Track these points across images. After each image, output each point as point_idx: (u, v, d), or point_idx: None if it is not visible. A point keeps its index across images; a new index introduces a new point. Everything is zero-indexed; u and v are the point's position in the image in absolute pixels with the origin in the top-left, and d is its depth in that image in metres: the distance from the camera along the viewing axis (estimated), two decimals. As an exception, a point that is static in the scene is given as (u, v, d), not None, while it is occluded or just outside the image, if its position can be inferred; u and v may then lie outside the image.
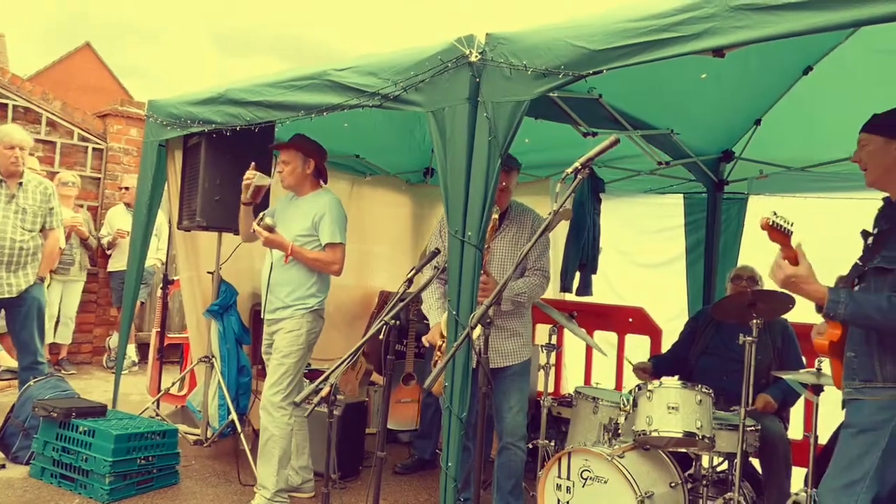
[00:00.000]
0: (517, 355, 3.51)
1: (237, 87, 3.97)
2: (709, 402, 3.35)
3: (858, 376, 2.37)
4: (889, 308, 2.22)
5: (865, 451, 2.29)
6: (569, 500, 3.37)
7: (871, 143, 2.45)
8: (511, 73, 2.85)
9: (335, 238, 3.73)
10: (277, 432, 3.65)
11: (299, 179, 3.85)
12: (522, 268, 3.52)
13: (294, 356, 3.70)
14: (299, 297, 3.73)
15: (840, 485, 2.32)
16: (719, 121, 4.58)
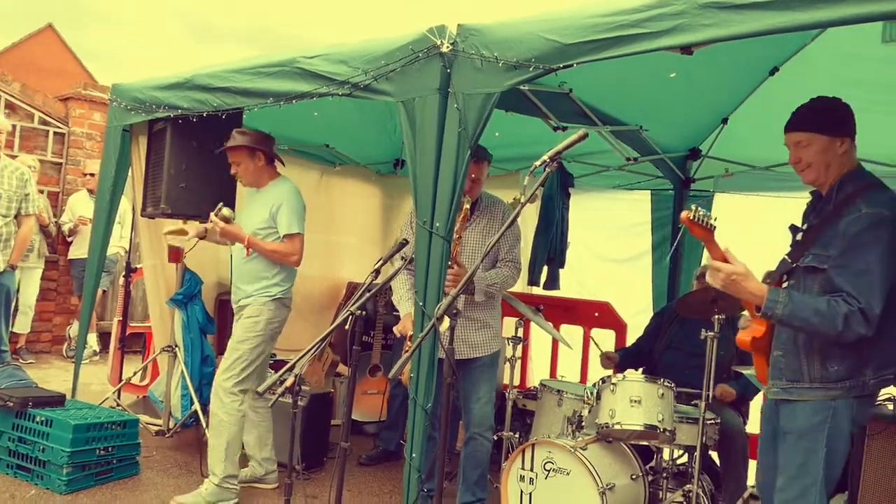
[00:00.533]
0: (486, 347, 3.52)
1: (204, 73, 3.91)
2: (670, 396, 3.40)
3: (785, 376, 2.37)
4: (827, 311, 2.18)
5: (808, 457, 2.30)
6: (532, 492, 3.40)
7: (814, 142, 2.37)
8: (482, 64, 2.84)
9: (292, 228, 3.69)
10: (226, 418, 3.62)
11: (254, 175, 3.81)
12: (494, 259, 3.53)
13: (250, 342, 3.67)
14: (261, 287, 3.71)
15: (793, 495, 2.33)
16: (687, 119, 4.63)
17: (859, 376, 2.27)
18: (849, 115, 2.40)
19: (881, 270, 2.18)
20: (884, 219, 2.21)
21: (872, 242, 2.20)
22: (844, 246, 2.23)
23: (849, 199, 2.30)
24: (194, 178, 4.22)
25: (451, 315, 2.32)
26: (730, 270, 2.25)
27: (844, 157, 2.37)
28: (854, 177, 2.37)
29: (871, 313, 2.17)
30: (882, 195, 2.30)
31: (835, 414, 2.28)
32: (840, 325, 2.17)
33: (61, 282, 7.43)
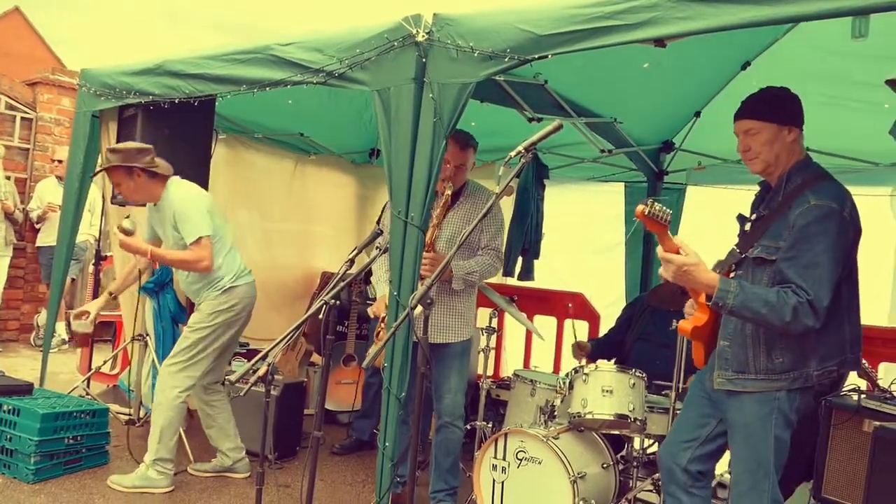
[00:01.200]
0: (458, 333, 3.52)
1: (176, 59, 3.85)
2: (642, 386, 3.44)
3: (731, 367, 2.40)
4: (777, 302, 2.19)
5: (757, 450, 2.36)
6: (504, 481, 3.43)
7: (763, 130, 2.37)
8: (458, 54, 2.84)
9: (193, 235, 3.56)
10: (165, 402, 3.62)
11: (140, 192, 3.69)
12: (475, 248, 3.53)
13: (201, 332, 3.66)
14: (206, 284, 3.68)
15: (746, 488, 2.40)
16: (661, 112, 4.68)
17: (803, 368, 2.31)
18: (798, 105, 2.43)
19: (829, 263, 2.21)
20: (832, 211, 2.23)
21: (821, 234, 2.22)
22: (793, 238, 2.25)
23: (798, 190, 2.33)
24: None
25: (425, 304, 2.32)
26: (681, 262, 2.24)
27: (793, 146, 2.39)
28: (802, 168, 2.39)
29: (820, 305, 2.19)
30: (831, 187, 2.32)
31: (780, 406, 2.33)
32: (789, 317, 2.19)
33: (29, 269, 7.30)
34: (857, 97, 3.68)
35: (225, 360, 3.93)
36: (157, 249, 3.64)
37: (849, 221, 2.27)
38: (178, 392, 3.63)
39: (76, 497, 3.47)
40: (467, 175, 3.59)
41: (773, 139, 2.37)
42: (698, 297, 2.46)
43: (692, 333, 2.50)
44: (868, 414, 3.38)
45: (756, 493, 2.37)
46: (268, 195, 5.65)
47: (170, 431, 3.63)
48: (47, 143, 7.43)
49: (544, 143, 2.42)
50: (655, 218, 2.18)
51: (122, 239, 3.58)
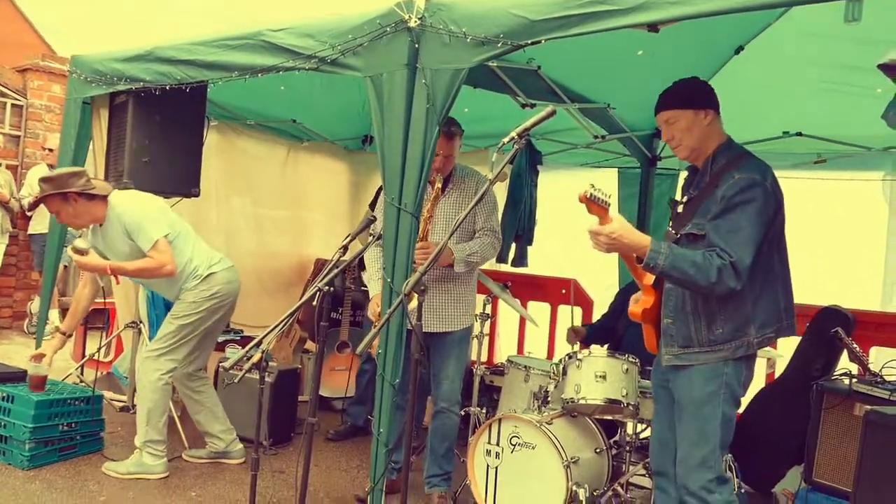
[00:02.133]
0: (460, 321, 3.53)
1: (167, 45, 3.82)
2: (635, 371, 3.46)
3: (677, 343, 2.50)
4: (703, 262, 2.29)
5: (706, 425, 2.43)
6: (498, 466, 3.45)
7: (681, 118, 2.51)
8: (450, 39, 2.82)
9: (149, 241, 3.50)
10: (148, 386, 3.64)
11: (80, 217, 3.61)
12: (471, 232, 3.53)
13: (185, 318, 3.66)
14: (185, 281, 3.67)
15: (695, 463, 2.45)
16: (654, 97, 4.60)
17: (743, 336, 2.41)
18: (709, 90, 2.57)
19: (752, 228, 2.32)
20: (755, 182, 2.36)
21: (744, 203, 2.34)
22: (720, 208, 2.37)
23: (723, 169, 2.45)
24: (157, 153, 4.14)
25: (419, 291, 2.32)
26: (608, 231, 2.31)
27: (712, 128, 2.52)
28: (726, 149, 2.52)
29: (741, 266, 2.30)
30: (753, 162, 2.45)
31: (727, 381, 2.42)
32: (714, 277, 2.28)
33: (21, 257, 7.27)
34: (850, 81, 3.68)
35: (209, 347, 3.92)
36: (115, 263, 3.58)
37: (770, 192, 2.38)
38: (160, 374, 3.64)
39: (71, 483, 3.48)
40: (454, 163, 3.59)
41: (692, 125, 2.51)
42: (642, 279, 2.58)
43: (642, 316, 2.60)
44: (859, 398, 3.42)
45: (704, 468, 2.43)
46: (260, 182, 5.63)
47: (157, 413, 3.64)
48: (38, 129, 7.38)
49: (538, 129, 2.43)
50: (596, 201, 2.28)
51: (77, 259, 3.52)
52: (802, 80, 3.81)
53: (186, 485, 3.59)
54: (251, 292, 3.95)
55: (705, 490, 2.42)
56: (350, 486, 3.79)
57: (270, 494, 3.51)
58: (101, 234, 3.68)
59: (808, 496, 3.57)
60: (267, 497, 3.46)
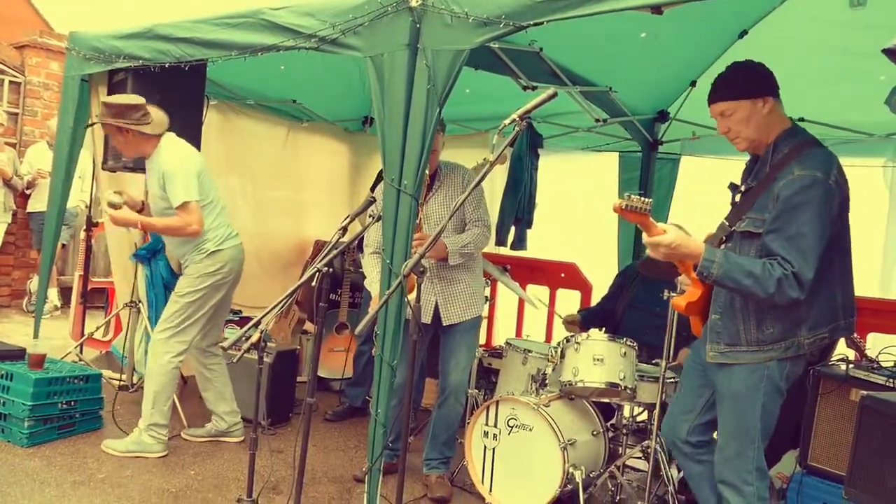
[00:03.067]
0: (470, 311, 3.54)
1: (166, 23, 3.80)
2: (633, 355, 3.48)
3: (723, 340, 2.43)
4: (762, 274, 2.21)
5: (745, 417, 2.39)
6: (495, 447, 3.47)
7: (737, 109, 2.38)
8: (452, 20, 2.80)
9: (179, 199, 3.51)
10: (157, 368, 3.64)
11: (129, 148, 3.67)
12: (462, 222, 3.54)
13: (190, 296, 3.65)
14: (192, 248, 3.66)
15: (733, 453, 2.43)
16: (656, 81, 4.64)
17: (794, 337, 2.34)
18: (766, 74, 2.41)
19: (814, 233, 2.21)
20: (816, 180, 2.23)
21: (804, 205, 2.22)
22: (778, 209, 2.26)
23: (784, 160, 2.32)
24: (157, 131, 4.12)
25: (417, 273, 2.33)
26: (667, 241, 2.26)
27: (772, 116, 2.39)
28: (789, 136, 2.39)
29: (804, 278, 2.21)
30: (816, 154, 2.31)
31: (770, 375, 2.36)
32: (773, 289, 2.20)
33: (20, 235, 7.25)
34: (854, 67, 3.66)
35: (220, 323, 3.93)
36: (146, 219, 3.62)
37: (834, 188, 2.26)
38: (171, 357, 3.64)
39: (70, 461, 3.50)
40: (438, 157, 3.59)
41: (749, 115, 2.38)
42: (690, 273, 2.47)
43: (686, 309, 2.53)
44: (855, 383, 3.43)
45: (741, 459, 2.41)
46: (260, 162, 5.61)
47: (163, 397, 3.65)
48: (36, 107, 7.34)
49: (539, 112, 2.41)
50: (635, 210, 2.21)
51: (111, 213, 3.57)
52: (806, 65, 3.78)
53: (185, 463, 3.61)
54: (250, 273, 3.94)
55: (742, 481, 2.40)
56: (348, 466, 3.81)
57: (269, 473, 3.53)
58: (148, 166, 3.72)
59: (803, 480, 3.59)
60: (265, 476, 3.48)
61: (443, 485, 3.52)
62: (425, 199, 3.49)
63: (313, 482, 3.54)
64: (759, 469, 2.41)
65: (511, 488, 3.42)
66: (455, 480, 3.67)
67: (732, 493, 2.43)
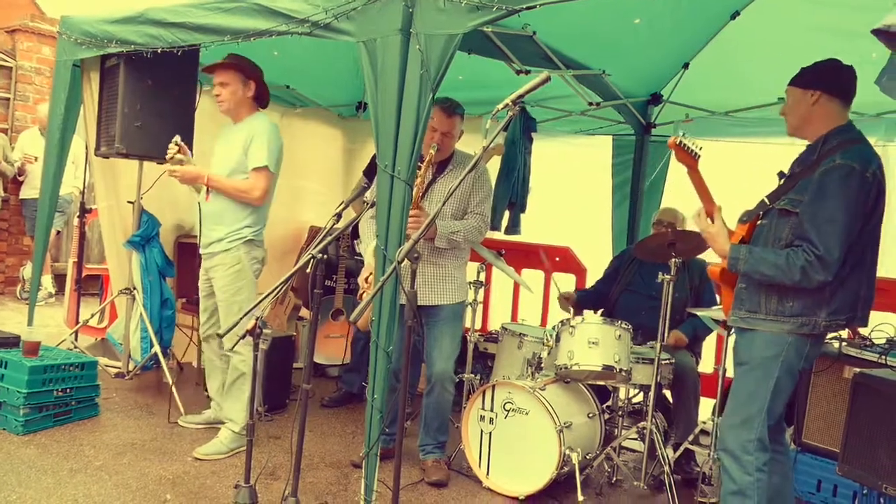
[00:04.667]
0: (451, 295, 3.54)
1: (159, 7, 3.76)
2: (627, 338, 3.50)
3: (744, 306, 2.55)
4: (785, 265, 2.38)
5: (757, 387, 2.48)
6: (492, 431, 3.50)
7: (791, 94, 2.59)
8: (445, 4, 2.78)
9: (260, 161, 3.52)
10: (248, 370, 3.58)
11: (237, 103, 3.65)
12: (464, 210, 3.54)
13: (243, 292, 3.60)
14: (232, 230, 3.59)
15: (739, 421, 2.51)
16: (649, 63, 4.63)
17: (812, 316, 2.44)
18: (832, 73, 2.57)
19: (845, 219, 2.35)
20: (853, 171, 2.36)
21: (839, 192, 2.35)
22: (814, 192, 2.40)
23: (830, 151, 2.46)
24: (150, 117, 4.10)
25: (412, 258, 2.33)
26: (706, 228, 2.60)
27: (821, 109, 2.54)
28: (841, 132, 2.53)
29: (831, 259, 2.33)
30: (860, 148, 2.45)
31: (789, 349, 2.45)
32: (797, 276, 2.36)
33: (13, 222, 7.23)
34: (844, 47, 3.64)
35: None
36: (214, 175, 3.56)
37: (871, 182, 2.39)
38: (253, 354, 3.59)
39: (66, 448, 3.51)
40: (454, 144, 3.57)
41: (797, 102, 2.57)
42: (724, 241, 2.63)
43: (720, 276, 2.67)
44: (848, 361, 3.46)
45: (745, 428, 2.48)
46: (253, 149, 5.58)
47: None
48: (28, 92, 7.29)
49: (532, 96, 2.40)
50: (687, 150, 2.46)
51: (175, 169, 3.53)
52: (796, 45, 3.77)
53: (183, 450, 3.63)
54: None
55: (742, 449, 2.48)
56: (345, 452, 3.83)
57: (266, 459, 3.55)
58: (228, 133, 3.71)
59: (798, 457, 3.63)
60: (262, 462, 3.50)
61: (439, 469, 3.55)
62: (433, 179, 3.49)
63: (311, 468, 3.57)
64: (761, 440, 2.47)
65: (508, 471, 3.45)
66: (452, 464, 3.70)
67: (731, 461, 2.51)
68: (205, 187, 3.61)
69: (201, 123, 4.30)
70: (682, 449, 3.69)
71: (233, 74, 3.61)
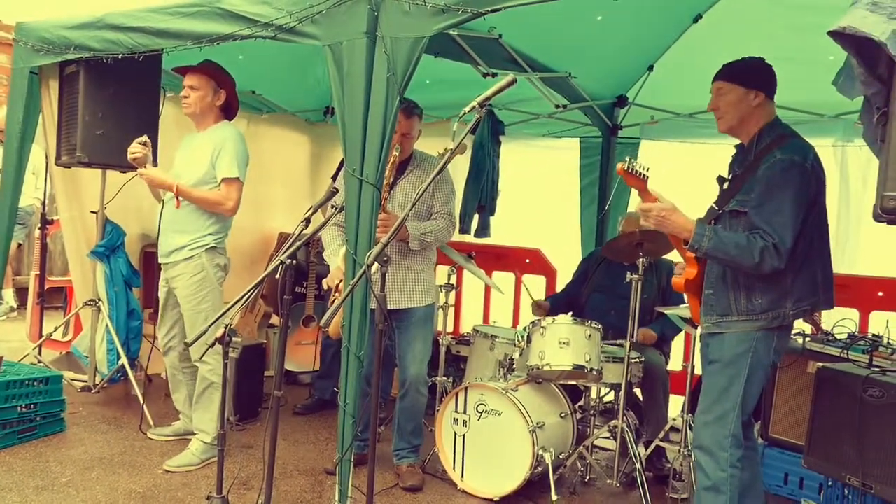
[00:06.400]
0: (421, 298, 3.54)
1: (118, 12, 3.70)
2: (598, 337, 3.52)
3: (715, 311, 2.58)
4: (747, 245, 2.40)
5: (730, 383, 2.51)
6: (465, 433, 3.50)
7: (731, 92, 2.59)
8: (410, 7, 2.78)
9: (231, 172, 3.50)
10: (217, 379, 3.53)
11: (205, 109, 3.61)
12: (428, 211, 3.54)
13: (207, 300, 3.55)
14: (195, 238, 3.55)
15: (713, 418, 2.53)
16: (615, 66, 4.68)
17: (780, 308, 2.49)
18: (769, 74, 2.64)
19: (793, 210, 2.42)
20: (795, 163, 2.44)
21: (785, 184, 2.42)
22: (761, 189, 2.45)
23: (767, 148, 2.52)
24: (112, 125, 4.03)
25: (381, 262, 2.32)
26: (659, 207, 2.47)
27: (759, 109, 2.60)
28: (771, 128, 2.60)
29: (783, 248, 2.39)
30: (795, 143, 2.52)
31: (757, 344, 2.49)
32: (757, 258, 2.39)
33: (-29, 236, 7.04)
34: (803, 48, 3.72)
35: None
36: (183, 185, 3.49)
37: (811, 172, 2.46)
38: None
39: (32, 465, 3.43)
40: (413, 144, 3.58)
41: (739, 101, 2.59)
42: (685, 254, 2.66)
43: (685, 287, 2.70)
44: (812, 356, 3.54)
45: (720, 425, 2.51)
46: (219, 155, 5.52)
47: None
48: (-16, 102, 7.11)
49: (499, 99, 2.42)
50: (635, 173, 2.42)
51: (146, 172, 3.48)
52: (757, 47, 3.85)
53: (153, 463, 3.56)
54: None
55: (718, 446, 2.50)
56: (319, 459, 3.80)
57: (239, 469, 3.51)
58: (192, 141, 3.66)
59: (765, 451, 3.69)
60: (235, 472, 3.45)
61: (414, 473, 3.54)
62: (394, 181, 3.48)
63: (284, 476, 3.53)
64: (735, 437, 2.50)
65: (483, 473, 3.46)
66: (427, 468, 3.69)
67: (707, 457, 2.53)
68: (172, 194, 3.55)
69: (165, 130, 4.24)
70: (653, 446, 3.73)
71: (205, 80, 3.59)
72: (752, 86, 2.57)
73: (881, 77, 1.77)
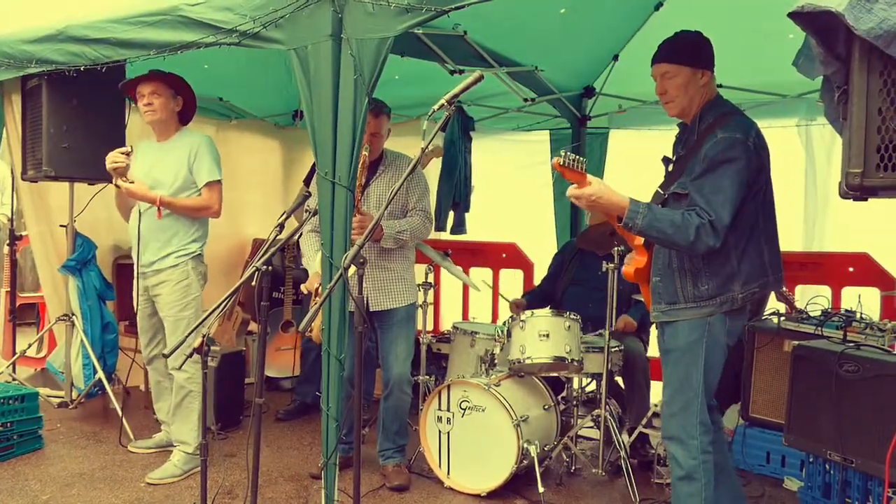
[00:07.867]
0: (402, 298, 3.54)
1: (79, 24, 3.64)
2: (577, 328, 3.55)
3: (664, 299, 2.55)
4: (682, 222, 2.33)
5: (688, 372, 2.50)
6: (450, 431, 3.50)
7: (679, 74, 2.49)
8: (374, 8, 2.77)
9: (212, 175, 3.53)
10: (195, 388, 3.51)
11: (166, 117, 3.59)
12: (403, 210, 3.54)
13: (190, 307, 3.56)
14: (182, 245, 3.55)
15: (678, 408, 2.53)
16: (580, 57, 4.71)
17: (728, 292, 2.47)
18: (710, 49, 2.55)
19: (732, 187, 2.36)
20: (736, 141, 2.38)
21: (725, 162, 2.38)
22: (702, 168, 2.40)
23: (709, 128, 2.47)
24: (78, 137, 3.98)
25: (357, 264, 2.32)
26: (588, 193, 2.33)
27: (705, 88, 2.53)
28: (713, 106, 2.54)
29: (720, 225, 2.35)
30: (737, 120, 2.46)
31: (710, 329, 2.48)
32: (692, 236, 2.33)
33: (-62, 256, 6.90)
34: (764, 29, 3.77)
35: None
36: (166, 197, 3.47)
37: (752, 149, 2.41)
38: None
39: (10, 484, 3.38)
40: (383, 143, 3.58)
41: (688, 83, 2.50)
42: (633, 240, 2.61)
43: (635, 276, 2.65)
44: (787, 335, 3.59)
45: (686, 414, 2.51)
46: (189, 164, 5.46)
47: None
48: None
49: (468, 95, 2.42)
50: (571, 167, 2.28)
51: (127, 187, 3.44)
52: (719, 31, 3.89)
53: (134, 476, 3.53)
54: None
55: (687, 435, 2.50)
56: (303, 464, 3.79)
57: (222, 479, 3.49)
58: (155, 151, 3.61)
59: (746, 431, 3.75)
60: (219, 482, 3.43)
61: (400, 473, 3.54)
62: (367, 181, 3.48)
63: (269, 483, 3.51)
64: (703, 423, 2.50)
65: (469, 470, 3.47)
66: (412, 468, 3.69)
67: (677, 447, 2.53)
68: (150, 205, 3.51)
69: (132, 140, 4.18)
70: (636, 433, 3.76)
71: (163, 87, 3.57)
72: (700, 65, 2.49)
73: (840, 56, 1.79)
